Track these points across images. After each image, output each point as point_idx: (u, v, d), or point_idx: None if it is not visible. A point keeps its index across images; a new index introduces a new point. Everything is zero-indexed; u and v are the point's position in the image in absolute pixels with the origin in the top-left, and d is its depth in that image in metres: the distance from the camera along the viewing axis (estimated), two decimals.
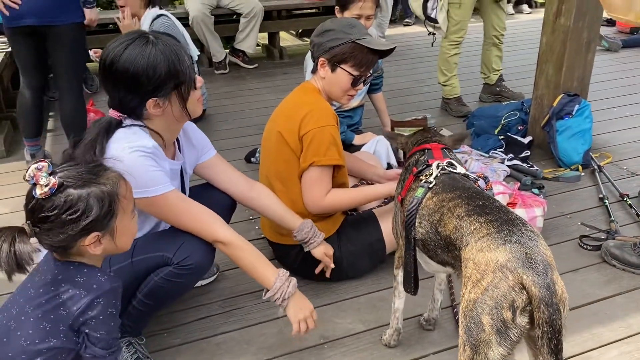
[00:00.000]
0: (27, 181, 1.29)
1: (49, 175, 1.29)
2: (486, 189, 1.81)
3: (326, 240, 2.20)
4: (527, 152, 3.42)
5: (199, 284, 2.32)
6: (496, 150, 3.46)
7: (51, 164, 1.31)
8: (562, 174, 3.24)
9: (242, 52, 5.59)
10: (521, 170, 3.25)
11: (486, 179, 1.86)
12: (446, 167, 1.70)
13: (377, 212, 2.38)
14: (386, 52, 2.17)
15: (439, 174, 1.68)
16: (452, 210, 1.52)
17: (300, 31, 7.12)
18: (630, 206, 2.88)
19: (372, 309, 2.22)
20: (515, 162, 3.31)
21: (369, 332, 2.09)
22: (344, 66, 2.12)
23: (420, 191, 1.65)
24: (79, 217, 1.30)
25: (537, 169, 3.24)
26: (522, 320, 1.28)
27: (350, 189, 2.35)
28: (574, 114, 3.33)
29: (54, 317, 1.36)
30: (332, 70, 2.14)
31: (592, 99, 3.64)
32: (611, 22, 6.83)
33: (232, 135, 4.03)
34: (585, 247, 2.57)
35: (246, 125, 4.19)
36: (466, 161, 3.21)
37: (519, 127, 3.69)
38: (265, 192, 2.10)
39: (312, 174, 2.14)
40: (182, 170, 1.94)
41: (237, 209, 2.20)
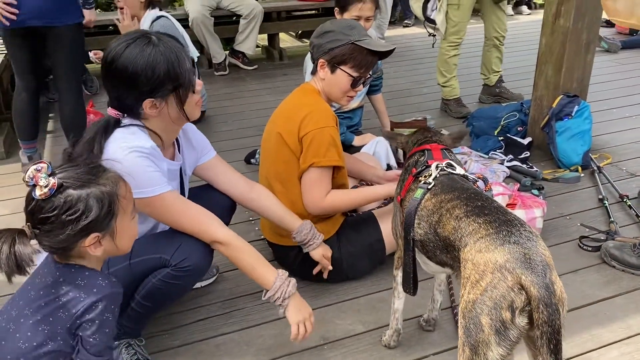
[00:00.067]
0: (27, 183, 1.29)
1: (49, 176, 1.28)
2: (485, 190, 1.82)
3: (326, 241, 2.20)
4: (526, 153, 3.42)
5: (198, 285, 2.33)
6: (496, 151, 3.46)
7: (50, 165, 1.31)
8: (562, 175, 3.24)
9: (242, 53, 5.59)
10: (521, 171, 3.25)
11: (485, 180, 1.86)
12: (445, 168, 1.70)
13: (377, 213, 2.38)
14: (386, 54, 2.17)
15: (438, 175, 1.68)
16: (451, 211, 1.52)
17: (299, 32, 7.11)
18: (629, 207, 2.88)
19: (372, 309, 2.21)
20: (514, 163, 3.31)
21: (369, 333, 2.09)
22: (343, 67, 2.12)
23: (419, 192, 1.65)
24: (78, 217, 1.30)
25: (536, 170, 3.24)
26: (521, 320, 1.28)
27: (349, 190, 2.36)
28: (573, 115, 3.33)
29: (52, 319, 1.35)
30: (332, 71, 2.14)
31: (591, 100, 3.65)
32: (610, 24, 6.83)
33: (231, 136, 4.03)
34: (584, 248, 2.57)
35: (246, 126, 4.19)
36: (466, 162, 3.21)
37: (519, 128, 3.69)
38: (265, 193, 2.10)
39: (312, 175, 2.14)
40: (181, 171, 1.94)
41: (236, 210, 2.19)
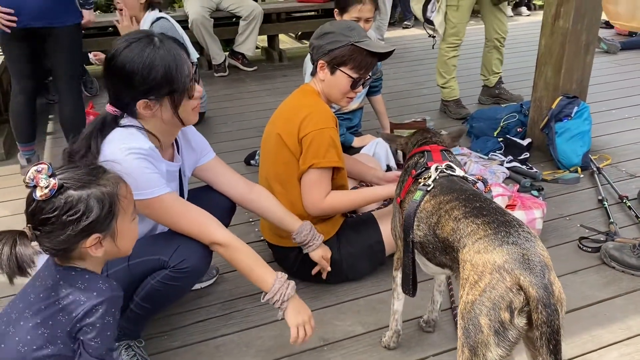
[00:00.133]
0: (27, 184, 1.29)
1: (49, 177, 1.28)
2: (485, 191, 1.82)
3: (326, 242, 2.20)
4: (526, 154, 3.42)
5: (198, 286, 2.33)
6: (495, 152, 3.46)
7: (51, 166, 1.31)
8: (561, 176, 3.25)
9: (242, 54, 5.59)
10: (520, 172, 3.25)
11: (485, 182, 1.86)
12: (445, 170, 1.70)
13: (377, 214, 2.38)
14: (385, 55, 2.17)
15: (438, 177, 1.68)
16: (450, 212, 1.52)
17: (299, 34, 7.12)
18: (629, 208, 2.88)
19: (372, 311, 2.21)
20: (514, 164, 3.31)
21: (369, 334, 2.09)
22: (343, 69, 2.12)
23: (418, 194, 1.65)
24: (79, 217, 1.30)
25: (536, 171, 3.24)
26: (520, 321, 1.28)
27: (349, 191, 2.36)
28: (572, 116, 3.33)
29: (52, 323, 1.34)
30: (332, 72, 2.14)
31: (591, 101, 3.65)
32: (609, 25, 6.83)
33: (231, 137, 4.03)
34: (584, 249, 2.57)
35: (245, 127, 4.19)
36: (465, 163, 3.22)
37: (518, 129, 3.69)
38: (264, 194, 2.10)
39: (312, 176, 2.14)
40: (180, 172, 1.94)
41: (236, 211, 2.19)
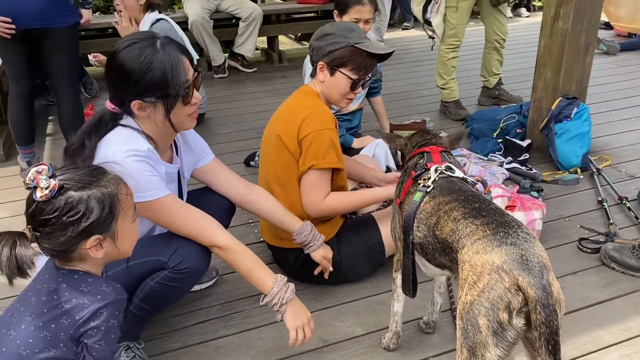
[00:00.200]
0: (27, 184, 1.29)
1: (49, 177, 1.28)
2: (485, 192, 1.82)
3: (325, 243, 2.20)
4: (525, 155, 3.43)
5: (198, 287, 2.33)
6: (495, 153, 3.46)
7: (51, 167, 1.31)
8: (561, 177, 3.25)
9: (241, 56, 5.59)
10: (520, 173, 3.25)
11: (484, 183, 1.86)
12: (444, 171, 1.71)
13: (377, 215, 2.38)
14: (385, 56, 2.17)
15: (437, 178, 1.68)
16: (449, 213, 1.52)
17: (299, 35, 7.12)
18: (629, 209, 2.88)
19: (372, 312, 2.21)
20: (514, 165, 3.31)
21: (369, 336, 2.09)
22: (343, 70, 2.12)
23: (417, 195, 1.65)
24: (79, 218, 1.29)
25: (536, 172, 3.25)
26: (519, 321, 1.28)
27: (349, 193, 2.36)
28: (572, 117, 3.33)
29: (55, 326, 1.33)
30: (331, 74, 2.14)
31: (590, 102, 3.65)
32: (609, 26, 6.84)
33: (231, 139, 4.03)
34: (584, 249, 2.57)
35: (245, 129, 4.19)
36: (465, 164, 3.22)
37: (518, 130, 3.69)
38: (264, 195, 2.10)
39: (311, 178, 2.14)
40: (179, 174, 1.94)
41: (236, 212, 2.19)
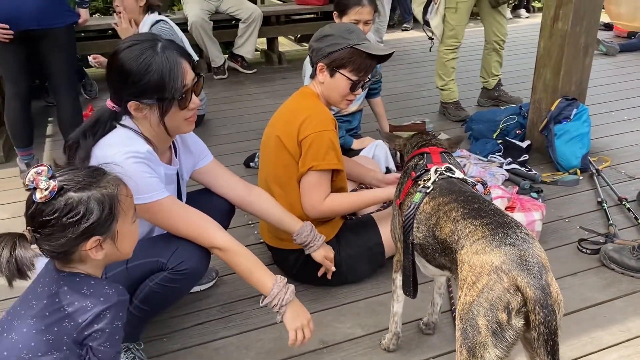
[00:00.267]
0: (27, 186, 1.28)
1: (49, 179, 1.28)
2: (484, 193, 1.81)
3: (325, 244, 2.20)
4: (525, 156, 3.43)
5: (197, 288, 2.33)
6: (494, 154, 3.46)
7: (51, 168, 1.31)
8: (561, 178, 3.25)
9: (241, 57, 5.59)
10: (520, 174, 3.25)
11: (484, 184, 1.86)
12: (444, 172, 1.71)
13: (376, 217, 2.38)
14: (384, 57, 2.17)
15: (437, 179, 1.68)
16: (448, 213, 1.52)
17: (298, 36, 7.12)
18: (628, 210, 2.88)
19: (372, 313, 2.21)
20: (513, 166, 3.31)
21: (368, 337, 2.09)
22: (342, 71, 2.12)
23: (417, 196, 1.65)
24: (79, 220, 1.29)
25: (535, 173, 3.25)
26: (518, 322, 1.28)
27: (349, 194, 2.36)
28: (572, 118, 3.34)
29: (57, 329, 1.33)
30: (331, 75, 2.14)
31: (590, 103, 3.65)
32: (608, 27, 6.84)
33: (231, 140, 4.03)
34: (584, 250, 2.57)
35: (245, 130, 4.19)
36: (465, 165, 3.22)
37: (517, 132, 3.69)
38: (263, 196, 2.10)
39: (311, 179, 2.14)
40: (178, 175, 1.94)
41: (236, 213, 2.19)
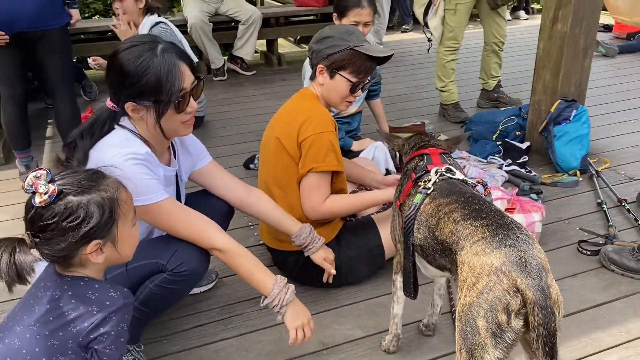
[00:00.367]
0: (26, 190, 1.28)
1: (48, 183, 1.27)
2: (485, 194, 1.82)
3: (325, 246, 2.20)
4: (525, 158, 3.43)
5: (197, 290, 2.32)
6: (494, 155, 3.47)
7: (50, 172, 1.30)
8: (560, 179, 3.25)
9: (241, 59, 5.60)
10: (519, 175, 3.25)
11: (485, 185, 1.86)
12: (445, 173, 1.71)
13: (376, 218, 2.38)
14: (384, 59, 2.18)
15: (438, 180, 1.68)
16: (449, 214, 1.52)
17: (298, 38, 7.13)
18: (628, 211, 2.88)
19: (372, 314, 2.21)
20: (513, 167, 3.31)
21: (369, 338, 2.09)
22: (342, 73, 2.12)
23: (418, 197, 1.65)
24: (79, 224, 1.28)
25: (535, 175, 3.25)
26: (517, 323, 1.28)
27: (348, 195, 2.36)
28: (571, 119, 3.34)
29: (62, 334, 1.32)
30: (331, 76, 2.14)
31: (589, 105, 3.65)
32: (608, 28, 6.85)
33: (230, 141, 4.03)
34: (583, 252, 2.57)
35: (245, 131, 4.20)
36: (464, 167, 3.22)
37: (517, 133, 3.70)
38: (263, 198, 2.10)
39: (311, 180, 2.14)
40: (177, 176, 1.94)
41: (236, 215, 2.19)
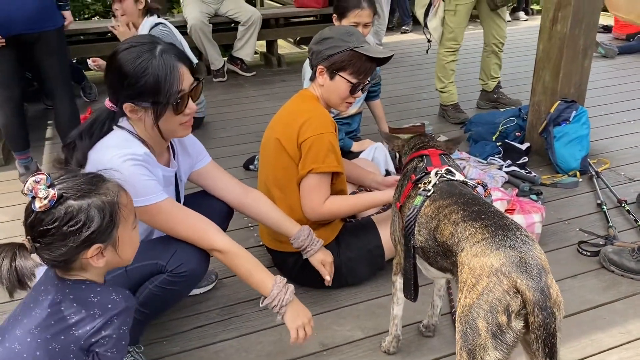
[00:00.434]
0: (26, 195, 1.27)
1: (48, 187, 1.26)
2: (485, 195, 1.82)
3: (325, 247, 2.19)
4: (524, 159, 3.43)
5: (197, 291, 2.32)
6: (494, 156, 3.47)
7: (49, 176, 1.29)
8: (560, 180, 3.25)
9: (241, 60, 5.60)
10: (519, 176, 3.25)
11: (485, 186, 1.86)
12: (445, 175, 1.71)
13: (376, 219, 2.38)
14: (384, 60, 2.18)
15: (438, 182, 1.68)
16: (448, 216, 1.52)
17: (298, 39, 7.14)
18: (628, 212, 2.88)
19: (371, 315, 2.21)
20: (513, 168, 3.31)
21: (368, 339, 2.09)
22: (342, 74, 2.12)
23: (418, 199, 1.65)
24: (80, 228, 1.28)
25: (535, 175, 3.25)
26: (517, 324, 1.28)
27: (348, 196, 2.36)
28: (571, 120, 3.34)
29: (64, 338, 1.32)
30: (331, 78, 2.14)
31: (589, 105, 3.66)
32: (607, 29, 6.86)
33: (230, 142, 4.04)
34: (583, 253, 2.57)
35: (244, 132, 4.20)
36: (464, 167, 3.22)
37: (517, 134, 3.70)
38: (262, 199, 2.10)
39: (311, 181, 2.14)
40: (176, 177, 1.94)
41: (235, 216, 2.19)
